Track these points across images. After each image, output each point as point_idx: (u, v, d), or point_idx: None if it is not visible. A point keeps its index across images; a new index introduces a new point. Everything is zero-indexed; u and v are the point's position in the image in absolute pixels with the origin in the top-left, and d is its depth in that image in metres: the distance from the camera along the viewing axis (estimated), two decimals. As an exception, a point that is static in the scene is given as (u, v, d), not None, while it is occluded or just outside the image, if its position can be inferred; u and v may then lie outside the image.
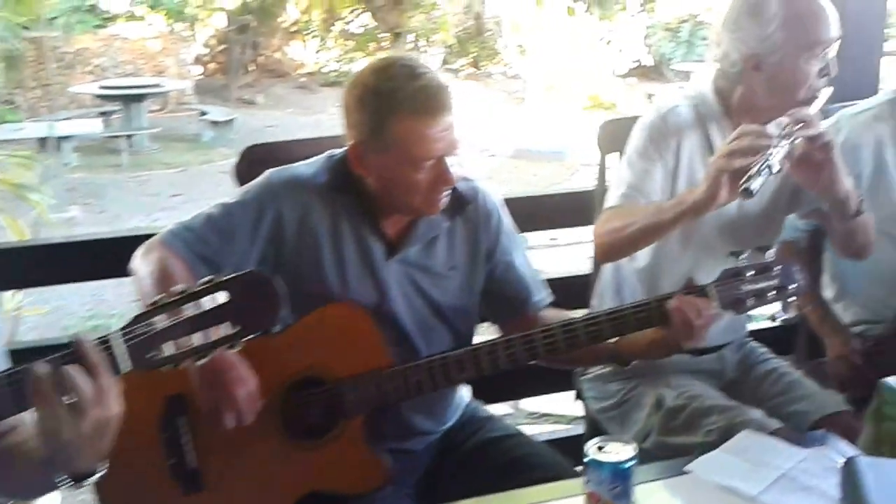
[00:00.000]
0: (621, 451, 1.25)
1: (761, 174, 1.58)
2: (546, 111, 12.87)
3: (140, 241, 1.69)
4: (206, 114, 11.93)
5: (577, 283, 2.28)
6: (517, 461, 1.77)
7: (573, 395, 2.25)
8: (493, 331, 1.88)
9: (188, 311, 1.17)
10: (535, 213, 2.54)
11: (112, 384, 1.11)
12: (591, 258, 2.18)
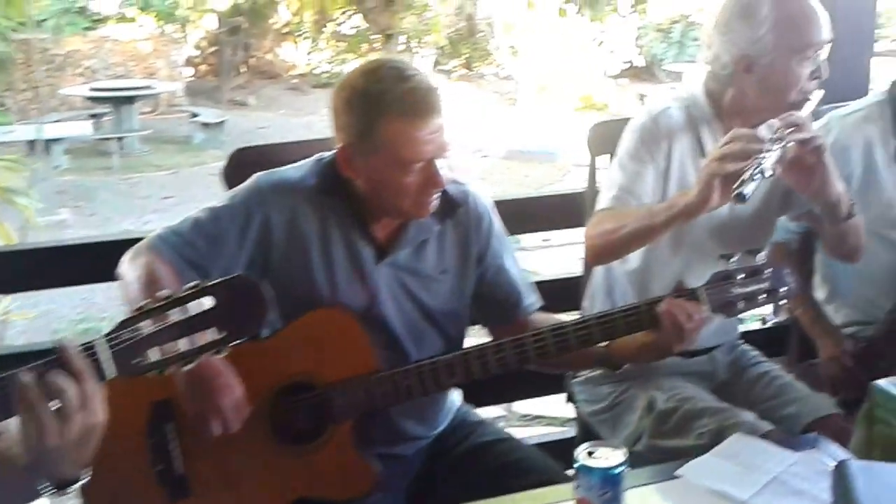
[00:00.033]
0: (611, 457, 1.25)
1: (754, 179, 1.57)
2: (538, 112, 12.89)
3: (129, 244, 1.68)
4: (197, 115, 11.91)
5: (569, 285, 2.27)
6: (508, 466, 1.76)
7: (564, 397, 2.25)
8: (483, 334, 1.87)
9: (174, 316, 1.17)
10: (527, 215, 2.54)
11: (97, 390, 1.11)
12: (582, 260, 2.17)
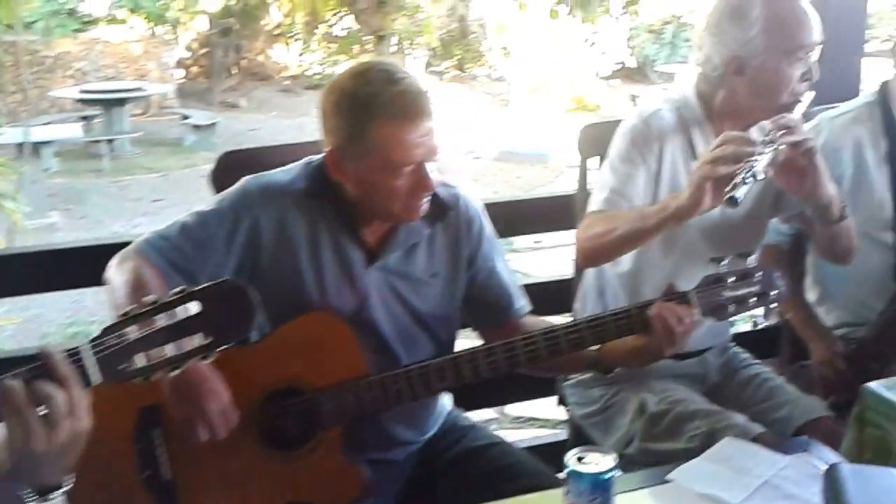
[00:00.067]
0: (601, 462, 1.24)
1: (746, 183, 1.57)
2: (530, 113, 12.90)
3: (119, 248, 1.66)
4: (188, 117, 11.86)
5: (560, 287, 2.27)
6: (500, 470, 1.75)
7: (556, 400, 2.24)
8: (473, 337, 1.86)
9: (160, 321, 1.16)
10: (519, 217, 2.54)
11: (82, 397, 1.10)
12: (574, 262, 2.16)
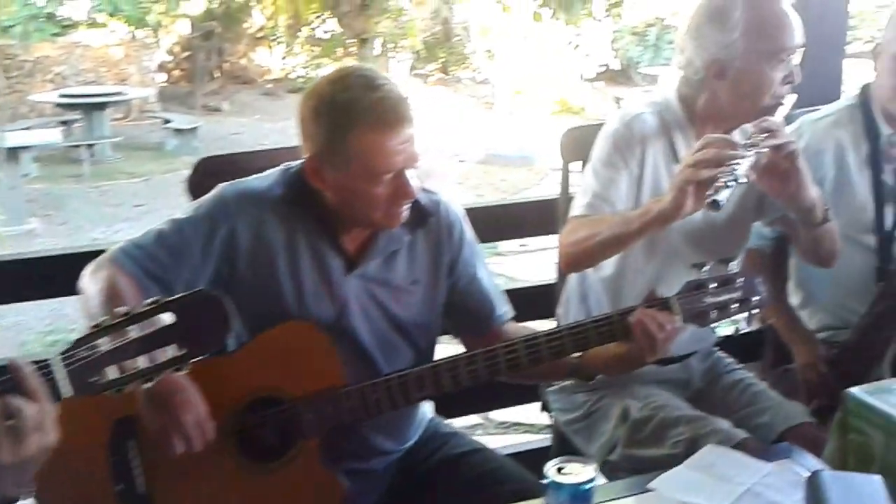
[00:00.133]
0: (581, 473, 1.23)
1: (728, 186, 1.56)
2: (515, 116, 12.91)
3: (98, 256, 1.63)
4: (169, 122, 11.77)
5: (544, 292, 2.26)
6: (482, 476, 1.73)
7: (539, 406, 2.23)
8: (454, 343, 1.85)
9: (132, 333, 1.15)
10: (504, 222, 2.53)
11: (52, 411, 1.08)
12: (557, 267, 2.15)
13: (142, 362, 1.15)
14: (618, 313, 1.60)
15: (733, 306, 1.58)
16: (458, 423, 2.21)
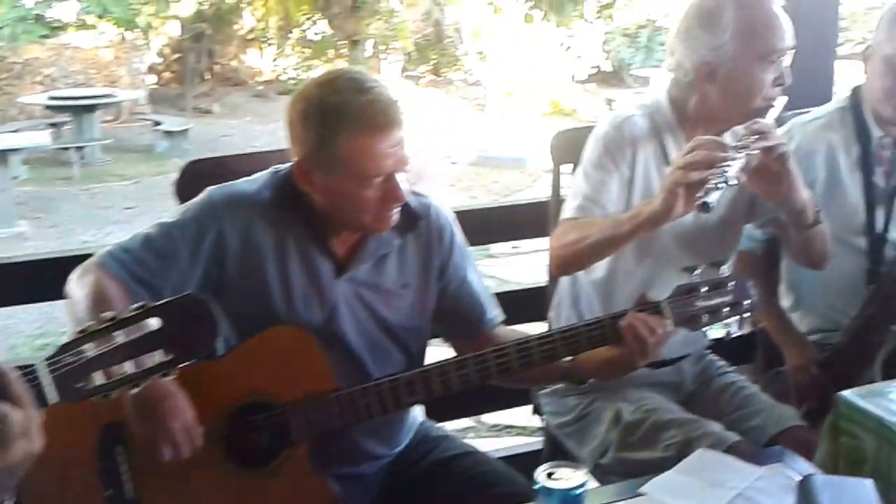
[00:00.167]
0: (572, 478, 1.22)
1: (718, 188, 1.56)
2: (507, 118, 12.92)
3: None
4: (160, 124, 11.74)
5: (535, 295, 2.25)
6: (473, 479, 1.73)
7: (531, 409, 2.22)
8: (445, 346, 1.84)
9: (119, 338, 1.14)
10: (494, 225, 2.52)
11: (37, 417, 1.07)
12: (548, 270, 2.14)
13: (129, 368, 1.14)
14: (609, 317, 1.60)
15: (725, 310, 1.58)
16: (450, 426, 2.20)
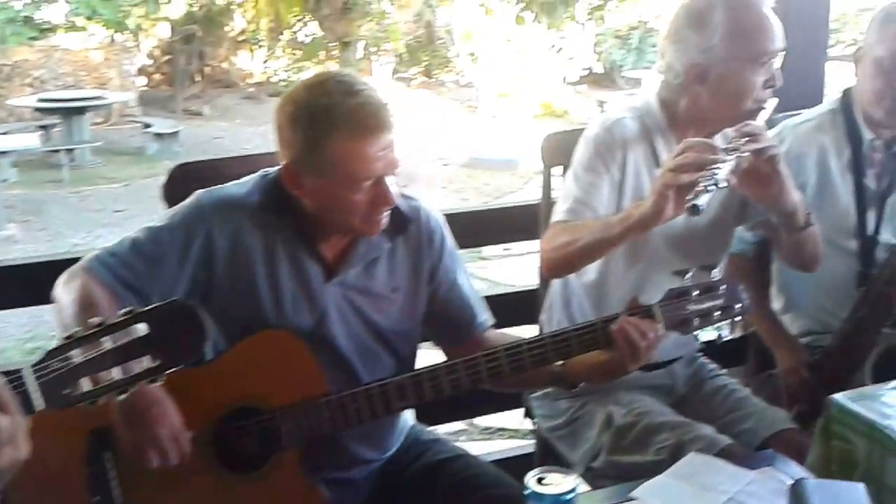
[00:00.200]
0: (562, 483, 1.21)
1: (708, 191, 1.55)
2: (499, 119, 12.92)
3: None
4: (150, 126, 11.70)
5: (527, 297, 2.25)
6: (464, 482, 1.72)
7: (522, 412, 2.21)
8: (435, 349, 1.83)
9: (106, 344, 1.14)
10: (485, 227, 2.52)
11: (23, 424, 1.06)
12: (539, 272, 2.14)
13: (116, 374, 1.14)
14: (600, 321, 1.59)
15: (716, 314, 1.57)
16: (443, 429, 2.19)
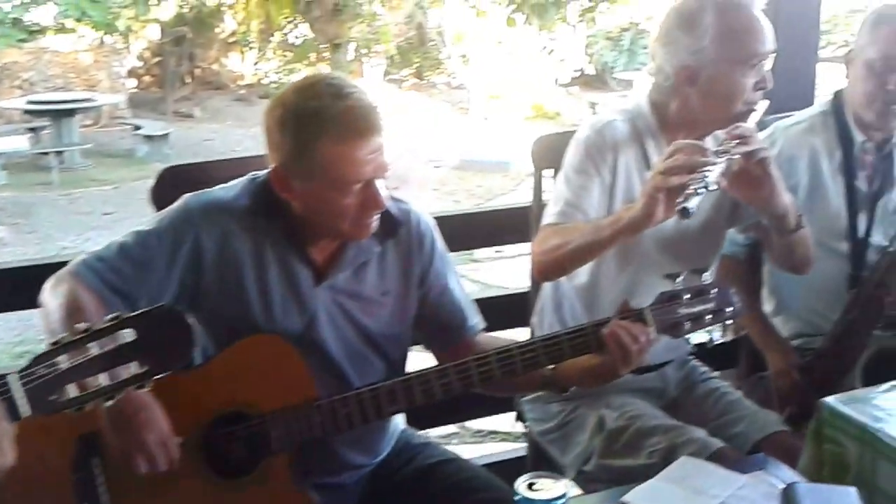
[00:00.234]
0: (552, 488, 1.21)
1: (698, 193, 1.55)
2: (491, 121, 12.93)
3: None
4: (140, 128, 11.68)
5: (518, 300, 2.24)
6: (455, 486, 1.71)
7: (514, 416, 2.20)
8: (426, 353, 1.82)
9: (93, 350, 1.13)
10: (476, 230, 2.51)
11: (9, 431, 1.05)
12: (530, 275, 2.13)
13: (103, 380, 1.14)
14: (592, 325, 1.59)
15: (707, 317, 1.57)
16: (434, 432, 2.18)
